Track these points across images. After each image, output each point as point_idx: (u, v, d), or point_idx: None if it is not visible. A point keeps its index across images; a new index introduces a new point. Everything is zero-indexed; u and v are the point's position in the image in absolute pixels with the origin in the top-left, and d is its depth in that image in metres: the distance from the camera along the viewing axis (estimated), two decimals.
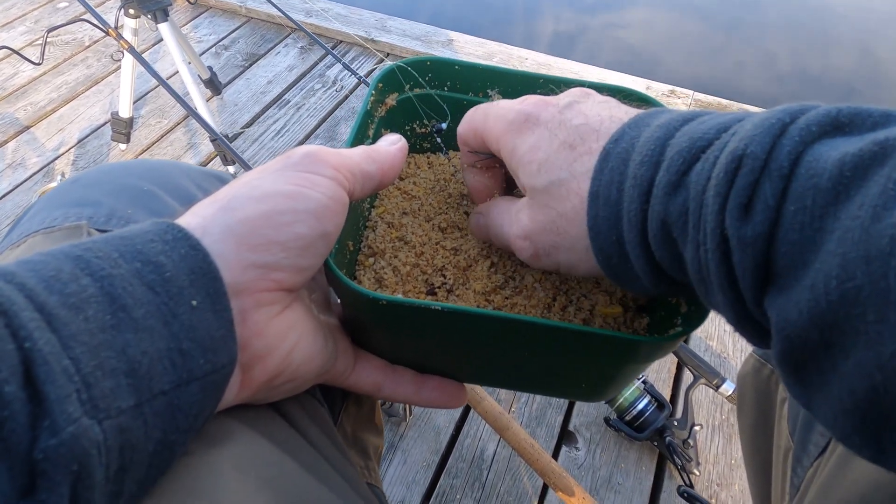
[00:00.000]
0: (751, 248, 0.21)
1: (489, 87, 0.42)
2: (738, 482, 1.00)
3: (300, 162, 0.28)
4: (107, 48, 1.91)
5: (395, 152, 0.32)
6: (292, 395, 0.31)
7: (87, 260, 0.22)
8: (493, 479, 0.99)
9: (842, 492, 0.34)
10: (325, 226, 0.27)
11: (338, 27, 1.96)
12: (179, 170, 0.39)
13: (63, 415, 0.19)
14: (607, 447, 1.03)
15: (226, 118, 1.69)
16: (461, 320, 0.29)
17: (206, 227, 0.25)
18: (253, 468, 0.26)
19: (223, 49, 1.94)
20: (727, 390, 0.99)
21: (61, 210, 0.33)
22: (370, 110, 0.39)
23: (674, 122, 0.25)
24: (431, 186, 0.41)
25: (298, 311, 0.28)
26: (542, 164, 0.29)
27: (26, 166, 1.55)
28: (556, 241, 0.29)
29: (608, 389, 0.35)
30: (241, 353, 0.26)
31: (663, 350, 0.30)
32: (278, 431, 0.29)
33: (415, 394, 0.34)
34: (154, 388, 0.22)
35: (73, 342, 0.20)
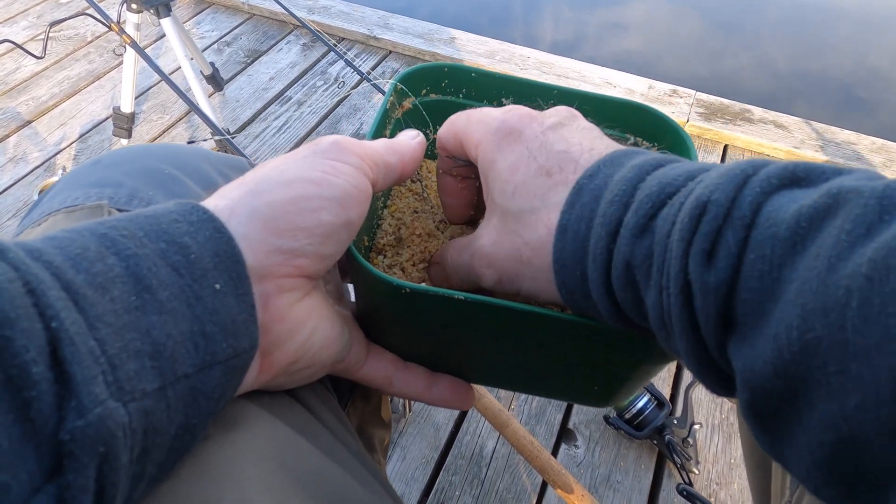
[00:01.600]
0: (713, 294, 0.21)
1: (504, 95, 0.42)
2: (737, 481, 1.00)
3: (327, 150, 0.28)
4: (109, 43, 1.91)
5: (415, 146, 0.33)
6: (308, 381, 0.31)
7: (113, 238, 0.22)
8: (492, 476, 0.99)
9: None
10: (349, 214, 0.27)
11: (340, 24, 1.96)
12: (200, 154, 0.39)
13: (90, 396, 0.19)
14: (607, 445, 1.03)
15: (227, 114, 1.69)
16: (483, 312, 0.29)
17: (233, 209, 0.25)
18: (272, 451, 0.26)
19: (225, 45, 1.94)
20: None
21: (82, 190, 0.33)
22: (388, 111, 0.39)
23: (647, 166, 0.26)
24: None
25: (317, 299, 0.29)
26: (517, 188, 0.29)
27: (28, 161, 1.55)
28: (519, 269, 0.29)
29: (621, 392, 0.35)
30: (261, 337, 0.26)
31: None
32: (295, 415, 0.30)
33: (426, 391, 0.34)
34: (178, 370, 0.22)
35: (100, 323, 0.20)
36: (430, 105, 0.42)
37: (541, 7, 2.87)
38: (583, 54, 2.48)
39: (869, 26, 2.80)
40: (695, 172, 0.24)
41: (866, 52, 2.63)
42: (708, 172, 0.23)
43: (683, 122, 1.67)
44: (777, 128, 1.68)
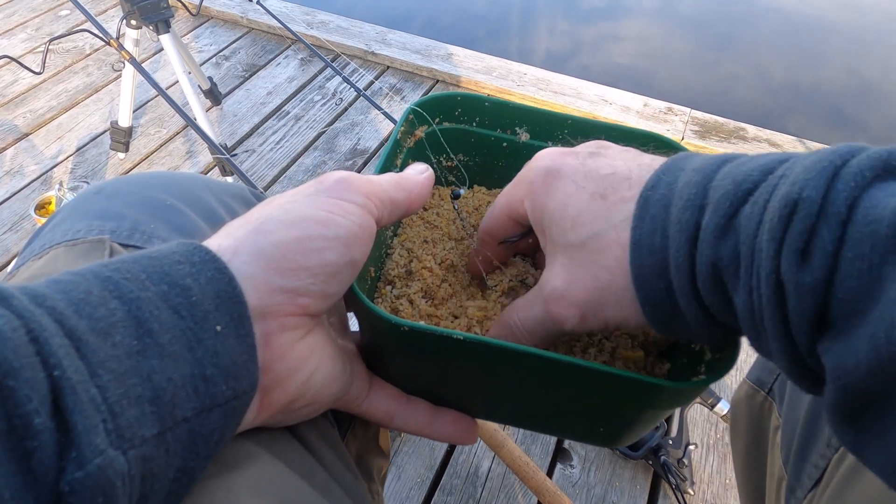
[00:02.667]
0: (809, 295, 0.20)
1: (517, 125, 0.42)
2: (732, 502, 1.00)
3: (333, 188, 0.28)
4: (107, 56, 1.92)
5: (423, 181, 0.33)
6: (307, 419, 0.31)
7: (116, 282, 0.22)
8: (487, 496, 0.99)
9: None
10: (353, 253, 0.27)
11: (338, 39, 1.97)
12: (201, 183, 0.40)
13: (90, 446, 0.19)
14: (602, 465, 1.03)
15: (225, 129, 1.69)
16: (482, 352, 0.29)
17: (237, 249, 0.26)
18: (270, 492, 0.26)
19: (224, 59, 1.95)
20: (722, 409, 0.99)
21: (84, 222, 0.33)
22: (399, 140, 0.39)
23: (710, 166, 0.25)
24: (454, 218, 0.42)
25: (320, 337, 0.29)
26: (575, 220, 0.29)
27: (24, 174, 1.55)
28: (602, 297, 0.28)
29: (626, 435, 0.34)
30: (262, 376, 0.26)
31: (686, 397, 0.30)
32: (294, 454, 0.30)
33: (428, 426, 0.34)
34: (177, 415, 0.22)
35: (101, 369, 0.20)
36: (444, 133, 0.42)
37: (536, 20, 2.89)
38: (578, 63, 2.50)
39: (861, 41, 2.83)
40: (770, 166, 0.23)
41: (856, 67, 2.65)
42: (787, 165, 0.23)
43: (679, 139, 1.69)
44: (771, 146, 1.70)
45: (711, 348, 0.31)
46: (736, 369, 1.17)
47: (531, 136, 0.42)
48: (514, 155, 0.43)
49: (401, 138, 0.40)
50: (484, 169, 0.43)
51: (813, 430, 0.40)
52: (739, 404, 0.51)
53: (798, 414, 0.42)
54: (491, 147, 0.42)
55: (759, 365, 0.50)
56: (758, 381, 0.49)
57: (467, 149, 0.43)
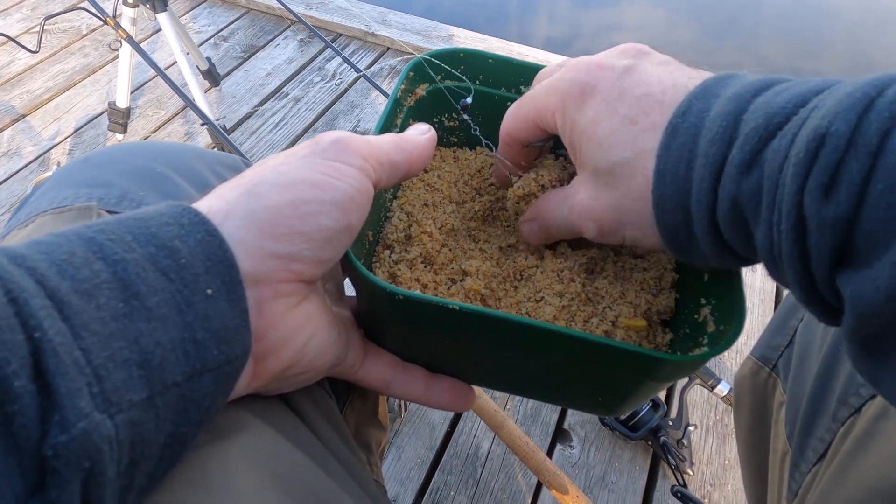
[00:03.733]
0: (830, 230, 0.20)
1: (522, 83, 0.40)
2: (731, 482, 1.00)
3: (328, 149, 0.27)
4: (104, 37, 1.90)
5: (425, 142, 0.31)
6: (303, 386, 0.30)
7: (100, 242, 0.21)
8: (487, 476, 0.99)
9: (842, 500, 0.34)
10: (349, 218, 0.26)
11: (338, 20, 1.95)
12: (193, 153, 0.38)
13: (74, 410, 0.18)
14: (602, 446, 1.03)
15: (224, 110, 1.68)
16: (478, 322, 0.28)
17: (228, 212, 0.25)
18: (265, 461, 0.25)
19: (222, 40, 1.92)
20: (722, 391, 0.99)
21: (71, 189, 0.32)
22: (399, 99, 0.38)
23: (745, 94, 0.24)
24: (455, 180, 0.40)
25: (315, 303, 0.28)
26: (602, 142, 0.28)
27: (22, 155, 1.54)
28: (622, 219, 0.29)
29: (625, 405, 0.34)
30: (255, 343, 0.25)
31: (686, 370, 0.29)
32: (289, 425, 0.29)
33: (424, 393, 0.33)
34: (166, 379, 0.21)
35: (85, 332, 0.19)
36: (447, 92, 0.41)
37: (536, 5, 2.86)
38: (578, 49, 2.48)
39: (863, 27, 2.81)
40: (805, 96, 0.23)
41: (861, 52, 2.63)
42: (821, 97, 0.22)
43: None
44: None
45: (715, 320, 0.31)
46: (736, 352, 1.17)
47: None
48: None
49: (401, 97, 0.38)
50: (487, 129, 0.42)
51: (818, 404, 0.39)
52: (743, 381, 0.51)
53: (803, 389, 0.41)
54: (495, 106, 0.41)
55: (763, 342, 0.50)
56: (762, 357, 0.49)
57: (470, 109, 0.42)
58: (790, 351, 0.46)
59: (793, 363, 0.45)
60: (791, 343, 0.46)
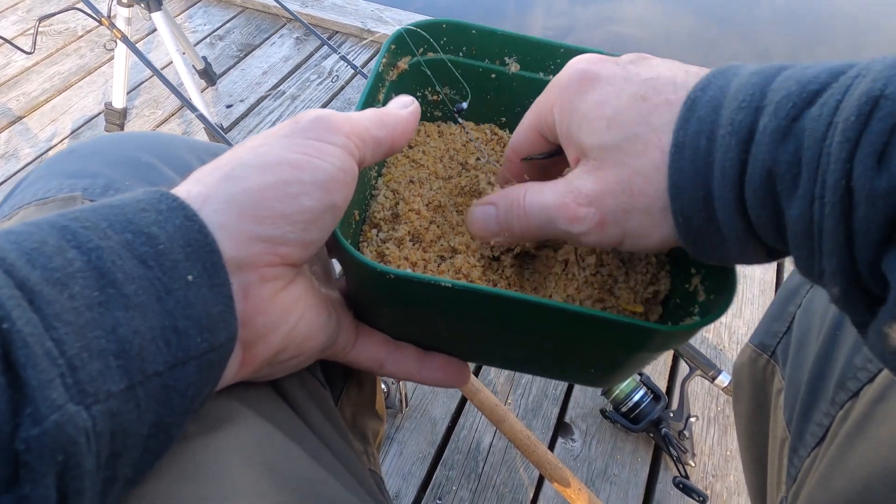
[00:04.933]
0: (882, 202, 0.19)
1: (507, 54, 0.39)
2: (732, 473, 1.00)
3: (309, 128, 0.26)
4: (100, 38, 1.89)
5: (407, 116, 0.30)
6: (294, 371, 0.30)
7: (74, 230, 0.21)
8: (489, 470, 0.99)
9: (841, 482, 0.34)
10: (333, 198, 0.26)
11: (334, 17, 1.94)
12: (182, 143, 0.37)
13: (46, 402, 0.18)
14: (603, 438, 1.03)
15: (220, 109, 1.68)
16: (471, 299, 0.28)
17: (207, 196, 0.24)
18: (258, 453, 0.25)
19: (218, 39, 1.92)
20: (723, 382, 0.99)
21: (56, 181, 0.31)
22: (381, 73, 0.37)
23: (769, 69, 0.23)
24: (440, 156, 0.40)
25: (302, 286, 0.27)
26: (611, 120, 0.26)
27: (19, 157, 1.54)
28: (629, 203, 0.26)
29: (618, 376, 0.34)
30: (243, 330, 0.24)
31: (677, 340, 0.29)
32: (282, 416, 0.29)
33: (418, 372, 0.33)
34: (147, 369, 0.21)
35: (58, 322, 0.19)
36: (428, 64, 0.40)
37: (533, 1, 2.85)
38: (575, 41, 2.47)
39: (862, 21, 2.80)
40: (840, 69, 0.21)
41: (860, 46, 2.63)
42: (865, 66, 0.21)
43: None
44: None
45: (706, 289, 0.30)
46: (737, 343, 1.17)
47: (521, 67, 0.40)
48: (503, 87, 0.40)
49: (383, 71, 0.37)
50: (471, 103, 0.41)
51: (817, 389, 0.39)
52: (742, 369, 0.51)
53: (802, 375, 0.41)
54: (478, 79, 0.40)
55: (762, 329, 0.50)
56: (761, 344, 0.48)
57: (453, 81, 0.40)
58: (788, 337, 0.46)
59: (791, 349, 0.45)
60: (789, 329, 0.46)
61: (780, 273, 1.29)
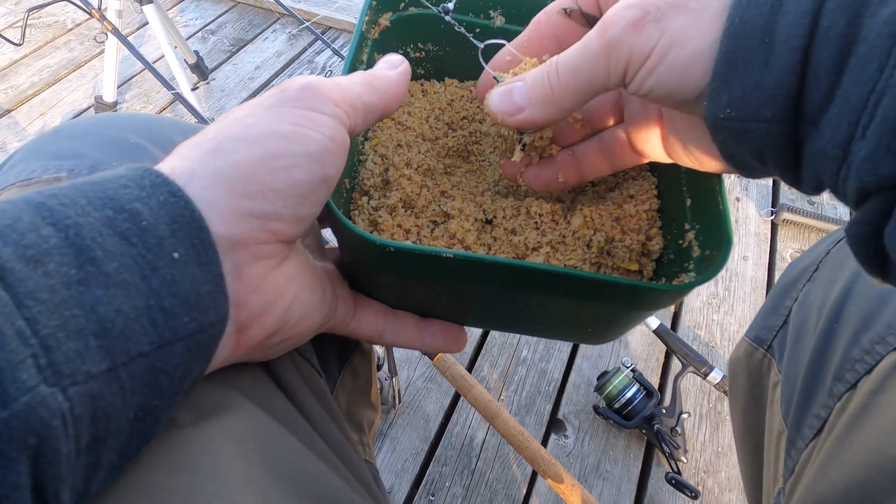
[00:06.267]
0: None
1: (491, 7, 0.38)
2: (724, 469, 1.01)
3: (297, 97, 0.25)
4: (90, 31, 1.87)
5: (398, 77, 0.29)
6: (289, 350, 0.29)
7: (51, 207, 0.20)
8: (482, 466, 0.99)
9: (840, 473, 0.34)
10: (326, 170, 0.25)
11: (327, 13, 1.93)
12: (172, 124, 0.36)
13: (15, 383, 0.17)
14: (596, 435, 1.03)
15: (212, 104, 1.66)
16: (471, 267, 0.27)
17: (194, 171, 0.23)
18: (251, 442, 0.24)
19: (210, 34, 1.91)
20: (715, 378, 0.99)
21: (40, 162, 0.30)
22: (364, 32, 0.36)
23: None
24: (426, 116, 0.39)
25: (296, 263, 0.26)
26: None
27: (7, 151, 1.52)
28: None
29: (614, 333, 0.34)
30: (237, 311, 0.24)
31: (672, 297, 0.29)
32: (277, 404, 0.28)
33: (417, 338, 0.33)
34: (131, 349, 0.20)
35: (30, 300, 0.18)
36: (410, 20, 0.38)
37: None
38: None
39: None
40: None
41: None
42: None
43: None
44: None
45: (700, 244, 0.30)
46: (729, 340, 1.17)
47: (506, 21, 0.39)
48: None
49: (365, 30, 0.36)
50: (455, 59, 0.40)
51: (815, 381, 0.39)
52: (738, 363, 0.51)
53: (799, 367, 0.41)
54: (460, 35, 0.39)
55: (758, 323, 0.50)
56: (757, 338, 0.49)
57: (436, 37, 0.39)
58: (785, 331, 0.46)
59: (788, 343, 0.45)
60: (786, 323, 0.46)
61: (770, 272, 1.30)
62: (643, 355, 1.15)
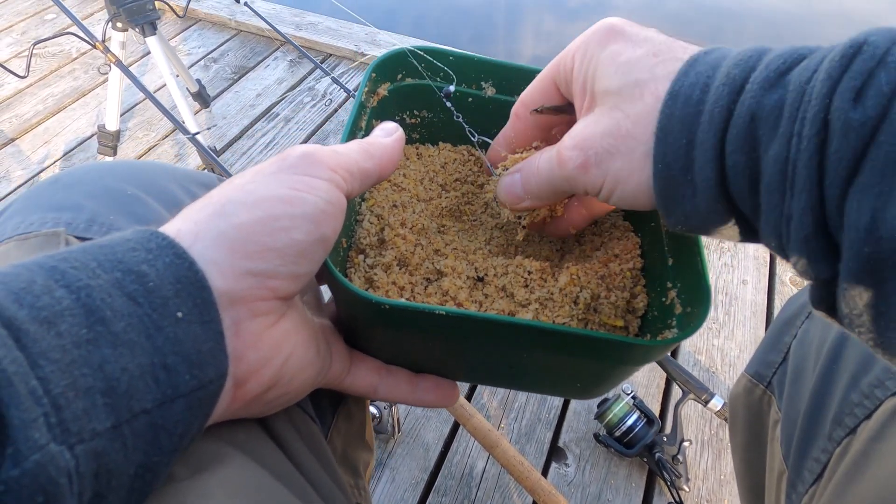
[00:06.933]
0: (855, 134, 0.20)
1: (483, 79, 0.41)
2: (727, 498, 1.00)
3: (296, 164, 0.27)
4: (94, 60, 1.90)
5: (392, 143, 0.31)
6: (284, 408, 0.30)
7: (63, 270, 0.21)
8: (482, 497, 0.98)
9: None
10: (322, 230, 0.26)
11: (327, 41, 1.96)
12: (165, 172, 0.38)
13: (27, 442, 0.17)
14: (597, 463, 1.03)
15: (214, 131, 1.68)
16: (465, 324, 0.29)
17: (198, 233, 0.24)
18: (244, 494, 0.25)
19: (212, 62, 1.93)
20: (716, 405, 0.99)
21: (38, 214, 0.31)
22: (363, 102, 0.38)
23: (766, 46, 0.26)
24: (421, 178, 0.41)
25: (294, 320, 0.27)
26: (620, 66, 0.28)
27: (10, 179, 1.53)
28: (615, 145, 0.28)
29: (602, 388, 0.35)
30: (235, 365, 0.24)
31: (657, 353, 0.30)
32: (269, 455, 0.28)
33: (410, 394, 0.34)
34: (134, 407, 0.21)
35: (43, 360, 0.19)
36: (407, 89, 0.41)
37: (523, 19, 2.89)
38: None
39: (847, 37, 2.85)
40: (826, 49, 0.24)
41: None
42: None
43: None
44: None
45: (682, 302, 0.32)
46: (729, 365, 1.17)
47: (497, 91, 0.41)
48: (479, 110, 0.42)
49: (364, 99, 0.38)
50: (449, 125, 0.42)
51: (814, 423, 0.39)
52: (738, 399, 0.51)
53: (798, 407, 0.41)
54: (456, 102, 0.42)
55: (757, 358, 0.50)
56: (756, 374, 0.49)
57: (431, 104, 0.42)
58: (784, 368, 0.46)
59: (787, 380, 0.45)
60: (785, 360, 0.46)
61: (770, 295, 1.30)
62: (643, 382, 1.14)
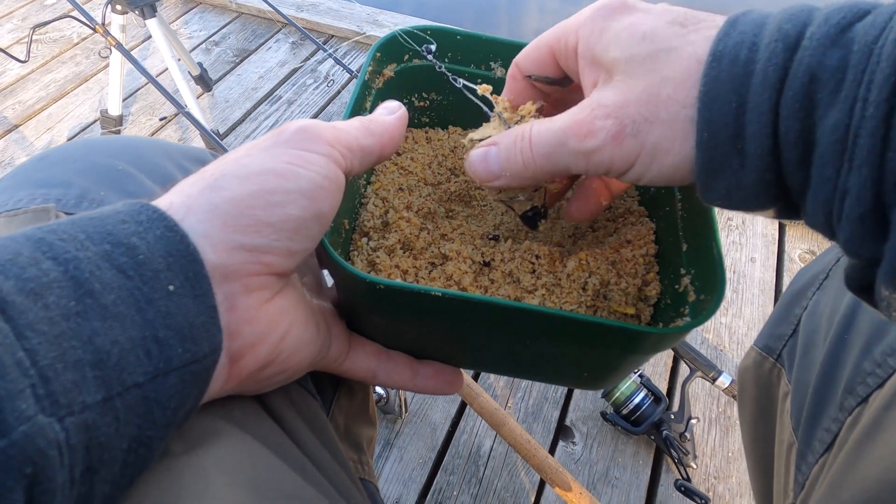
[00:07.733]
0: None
1: (492, 59, 0.40)
2: (735, 475, 1.00)
3: (292, 138, 0.26)
4: (95, 45, 1.89)
5: (394, 122, 0.30)
6: (282, 385, 0.29)
7: (50, 242, 0.20)
8: (489, 475, 0.98)
9: (851, 491, 0.33)
10: (318, 206, 0.25)
11: (329, 22, 1.94)
12: (158, 148, 0.37)
13: (14, 413, 0.17)
14: (604, 442, 1.03)
15: (217, 115, 1.67)
16: (463, 307, 0.28)
17: (190, 206, 0.24)
18: (242, 470, 0.25)
19: (213, 45, 1.92)
20: (724, 383, 0.99)
21: (26, 190, 0.31)
22: (367, 81, 0.37)
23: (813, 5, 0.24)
24: (429, 162, 0.40)
25: (291, 297, 0.27)
26: (645, 35, 0.25)
27: (14, 166, 1.53)
28: (653, 112, 0.24)
29: (611, 378, 0.34)
30: (230, 341, 0.24)
31: (669, 341, 0.29)
32: (267, 431, 0.28)
33: (410, 380, 0.33)
34: (126, 380, 0.20)
35: (30, 331, 0.18)
36: (413, 71, 0.40)
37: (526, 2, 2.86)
38: None
39: None
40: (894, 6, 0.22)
41: None
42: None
43: None
44: None
45: (696, 289, 0.30)
46: (737, 343, 1.16)
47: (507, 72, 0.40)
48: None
49: (369, 79, 0.37)
50: (458, 108, 0.41)
51: (825, 393, 0.39)
52: (747, 372, 0.50)
53: (809, 379, 0.41)
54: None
55: (766, 331, 0.49)
56: (766, 347, 0.48)
57: (440, 87, 0.41)
58: (794, 340, 0.45)
59: (797, 352, 0.44)
60: (795, 332, 0.46)
61: (779, 273, 1.29)
62: (650, 360, 1.14)
